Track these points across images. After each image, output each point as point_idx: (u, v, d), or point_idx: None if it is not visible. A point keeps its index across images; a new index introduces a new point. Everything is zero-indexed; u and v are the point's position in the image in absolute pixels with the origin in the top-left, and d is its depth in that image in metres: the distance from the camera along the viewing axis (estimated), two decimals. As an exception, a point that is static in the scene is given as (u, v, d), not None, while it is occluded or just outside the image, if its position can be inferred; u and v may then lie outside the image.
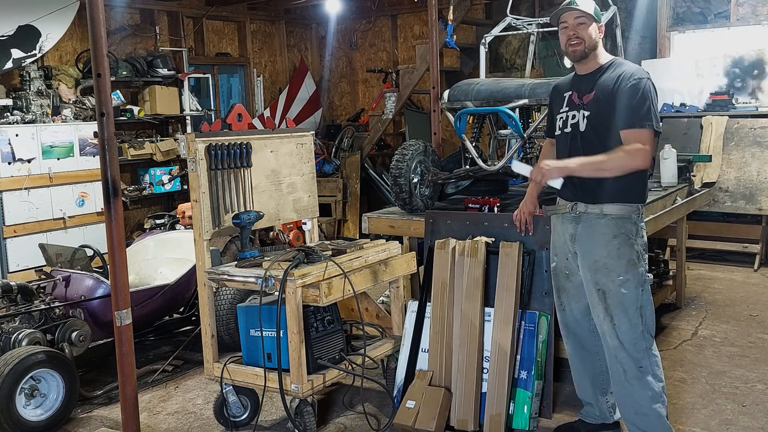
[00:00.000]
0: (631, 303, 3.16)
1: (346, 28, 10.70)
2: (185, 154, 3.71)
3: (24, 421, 3.74)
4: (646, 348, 3.18)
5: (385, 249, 4.01)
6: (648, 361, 3.19)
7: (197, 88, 9.26)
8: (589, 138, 3.20)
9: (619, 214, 3.17)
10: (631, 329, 3.17)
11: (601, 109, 3.16)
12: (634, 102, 3.07)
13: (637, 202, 3.21)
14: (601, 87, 3.18)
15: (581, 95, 3.25)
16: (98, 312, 4.48)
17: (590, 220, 3.22)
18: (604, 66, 3.24)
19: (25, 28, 7.02)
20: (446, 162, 5.11)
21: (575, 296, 3.39)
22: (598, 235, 3.20)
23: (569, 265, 3.38)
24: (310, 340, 3.56)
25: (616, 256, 3.15)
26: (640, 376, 3.17)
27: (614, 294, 3.17)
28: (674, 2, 7.81)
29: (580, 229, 3.26)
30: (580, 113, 3.23)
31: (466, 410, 3.65)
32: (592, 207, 3.20)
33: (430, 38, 5.50)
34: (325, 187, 8.52)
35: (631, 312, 3.16)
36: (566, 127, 3.29)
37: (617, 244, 3.16)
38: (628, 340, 3.17)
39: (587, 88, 3.23)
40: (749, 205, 6.83)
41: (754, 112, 7.02)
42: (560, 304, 3.48)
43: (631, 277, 3.15)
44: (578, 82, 3.31)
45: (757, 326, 5.17)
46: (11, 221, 6.61)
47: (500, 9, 8.00)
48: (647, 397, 3.18)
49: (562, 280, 3.44)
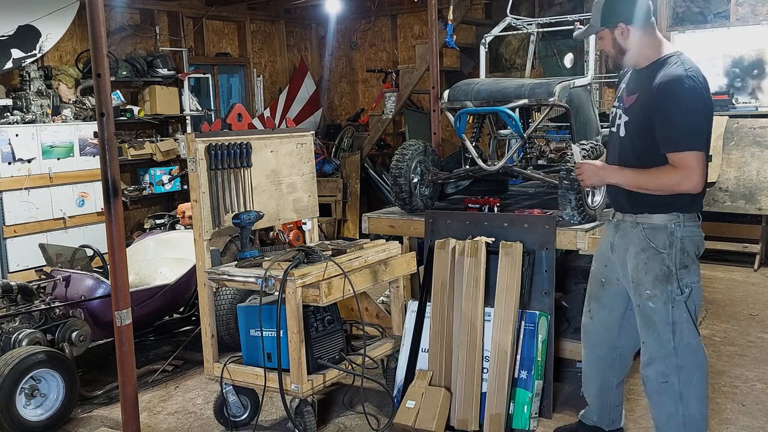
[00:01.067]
0: (661, 319, 2.94)
1: (346, 28, 10.70)
2: (185, 154, 3.71)
3: (24, 421, 3.75)
4: (678, 366, 2.93)
5: (385, 249, 4.01)
6: (677, 378, 2.94)
7: (197, 88, 9.26)
8: (626, 146, 2.96)
9: (652, 224, 2.94)
10: (660, 346, 2.95)
11: (639, 117, 2.88)
12: (678, 118, 2.75)
13: (678, 211, 2.91)
14: (643, 90, 2.87)
15: (628, 94, 2.98)
16: (98, 312, 4.48)
17: (626, 229, 3.05)
18: (658, 62, 2.88)
19: (25, 28, 7.02)
20: (446, 162, 5.11)
21: (607, 306, 3.25)
22: (630, 246, 3.02)
23: (606, 273, 3.22)
24: (310, 340, 3.56)
25: (644, 271, 2.95)
26: (659, 391, 2.98)
27: (642, 308, 3.00)
28: (674, 2, 7.81)
29: (617, 238, 3.10)
30: (623, 116, 2.99)
31: (466, 410, 3.65)
32: (627, 216, 3.04)
33: (430, 38, 5.50)
34: (325, 187, 8.52)
35: (660, 327, 2.94)
36: (613, 126, 3.07)
37: (645, 258, 2.95)
38: (657, 356, 2.97)
39: (634, 88, 2.96)
40: (749, 205, 6.83)
41: (753, 111, 7.03)
42: (588, 311, 3.34)
43: (659, 292, 2.92)
44: (632, 77, 3.02)
45: (757, 326, 5.17)
46: (11, 221, 6.61)
47: (500, 9, 8.00)
48: (664, 415, 3.00)
49: (596, 288, 3.29)
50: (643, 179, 2.87)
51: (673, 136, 2.77)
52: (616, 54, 2.98)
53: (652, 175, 2.85)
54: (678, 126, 2.76)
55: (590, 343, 3.37)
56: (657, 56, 2.90)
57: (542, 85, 4.33)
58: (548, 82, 4.35)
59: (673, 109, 2.75)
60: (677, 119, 2.76)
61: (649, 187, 2.88)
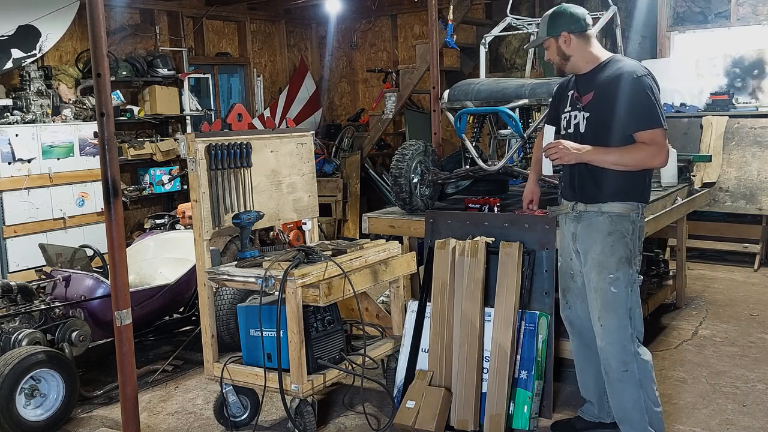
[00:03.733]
0: (621, 304, 3.16)
1: (346, 27, 10.70)
2: (185, 154, 3.71)
3: (24, 421, 3.74)
4: (635, 352, 3.18)
5: (385, 249, 4.01)
6: (635, 365, 3.18)
7: (197, 88, 9.25)
8: (589, 140, 3.18)
9: (617, 212, 3.17)
10: (620, 330, 3.17)
11: (601, 109, 3.14)
12: (640, 102, 3.04)
13: (638, 201, 3.20)
14: (600, 87, 3.16)
15: (580, 95, 3.24)
16: (98, 312, 4.48)
17: (589, 218, 3.25)
18: (602, 64, 3.22)
19: (25, 28, 7.02)
20: (446, 162, 5.11)
21: (579, 296, 3.40)
22: (595, 232, 3.22)
23: (573, 266, 3.40)
24: (310, 340, 3.56)
25: (609, 253, 3.16)
26: (623, 379, 3.18)
27: (604, 293, 3.18)
28: (674, 2, 7.81)
29: (580, 228, 3.29)
30: (580, 114, 3.23)
31: (466, 410, 3.65)
32: (591, 206, 3.22)
33: (430, 38, 5.50)
34: (325, 187, 8.52)
35: (620, 312, 3.16)
36: (569, 127, 3.28)
37: (611, 241, 3.17)
38: (616, 341, 3.17)
39: (585, 89, 3.23)
40: (749, 205, 6.83)
41: (754, 112, 7.03)
42: (566, 303, 3.49)
43: (622, 275, 3.15)
44: (579, 82, 3.30)
45: (758, 326, 5.17)
46: (11, 221, 6.61)
47: (500, 9, 7.99)
48: (630, 402, 3.19)
49: (567, 280, 3.46)
50: (618, 154, 3.10)
51: (641, 117, 3.05)
52: (560, 60, 3.26)
53: (626, 151, 3.10)
54: (643, 108, 3.05)
55: (576, 332, 3.50)
56: (599, 60, 3.22)
57: (542, 85, 4.33)
58: (548, 82, 4.35)
59: (636, 94, 3.05)
60: (642, 103, 3.04)
61: (623, 162, 3.10)
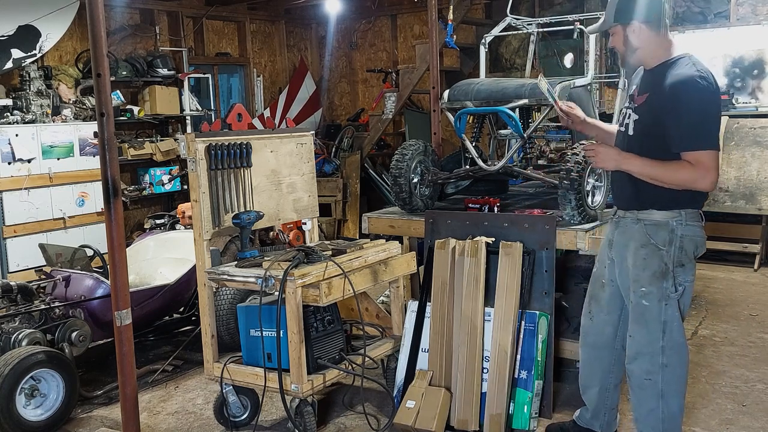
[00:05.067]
0: (653, 317, 2.97)
1: (346, 28, 10.70)
2: (185, 154, 3.71)
3: (24, 421, 3.74)
4: (663, 365, 2.98)
5: (385, 249, 4.01)
6: (660, 377, 2.98)
7: (197, 88, 9.25)
8: (634, 145, 2.96)
9: (653, 221, 2.95)
10: (649, 344, 2.99)
11: (649, 116, 2.88)
12: (690, 117, 2.75)
13: (680, 208, 2.93)
14: (655, 90, 2.88)
15: (639, 94, 2.99)
16: (98, 312, 4.48)
17: (626, 225, 3.06)
18: (668, 62, 2.88)
19: (25, 28, 7.02)
20: (446, 162, 5.11)
21: (606, 308, 3.25)
22: (630, 242, 3.03)
23: (606, 274, 3.23)
24: (310, 340, 3.56)
25: (642, 267, 2.97)
26: (642, 386, 3.03)
27: (635, 305, 3.02)
28: (674, 2, 7.81)
29: (617, 234, 3.12)
30: (632, 115, 2.98)
31: (466, 410, 3.65)
32: (629, 213, 3.05)
33: (430, 38, 5.50)
34: (325, 187, 8.52)
35: (651, 326, 2.97)
36: (622, 125, 3.08)
37: (644, 254, 2.97)
38: (644, 352, 3.00)
39: (644, 88, 2.96)
40: (749, 205, 6.83)
41: (754, 112, 7.02)
42: (588, 312, 3.34)
43: (655, 290, 2.95)
44: (643, 77, 3.02)
45: (757, 326, 5.17)
46: (11, 221, 6.61)
47: (500, 9, 8.00)
48: (645, 410, 3.06)
49: (597, 288, 3.30)
50: (660, 171, 2.85)
51: (688, 136, 2.77)
52: (626, 51, 2.98)
53: (670, 168, 2.83)
54: (692, 125, 2.75)
55: (588, 344, 3.37)
56: (667, 57, 2.90)
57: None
58: (548, 82, 4.34)
59: (686, 109, 2.75)
60: (692, 119, 2.75)
61: (664, 180, 2.85)
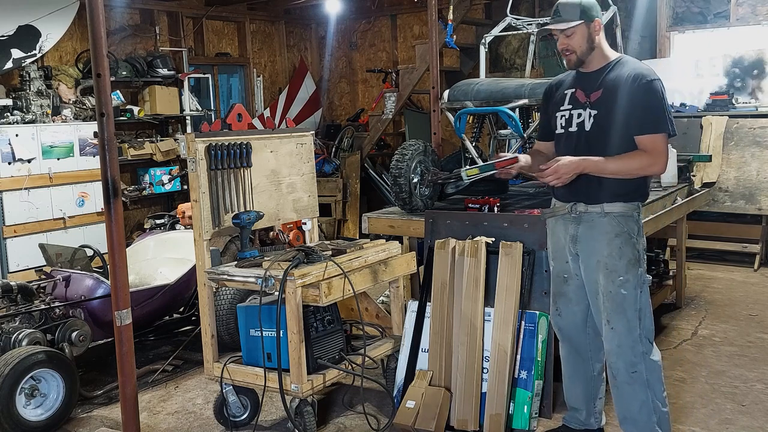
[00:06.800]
0: (630, 305, 3.10)
1: (345, 28, 10.70)
2: (185, 154, 3.71)
3: (24, 421, 3.74)
4: (643, 353, 3.11)
5: (385, 249, 4.01)
6: (643, 366, 3.12)
7: (197, 88, 9.26)
8: (595, 137, 3.11)
9: (621, 212, 3.11)
10: (629, 332, 3.10)
11: (609, 108, 3.07)
12: (648, 105, 3.01)
13: (638, 201, 3.16)
14: (610, 85, 3.09)
15: (588, 93, 3.15)
16: (98, 312, 4.48)
17: (592, 219, 3.15)
18: (612, 63, 3.15)
19: (25, 28, 7.03)
20: (446, 162, 5.11)
21: (573, 300, 3.33)
22: (600, 234, 3.13)
23: (568, 269, 3.31)
24: (310, 340, 3.56)
25: (618, 256, 3.10)
26: (630, 381, 3.12)
27: (613, 295, 3.11)
28: (674, 2, 7.81)
29: (582, 229, 3.19)
30: (586, 112, 3.13)
31: (466, 410, 3.65)
32: (593, 206, 3.14)
33: (430, 38, 5.50)
34: (325, 187, 8.52)
35: (629, 314, 3.10)
36: (571, 125, 3.18)
37: (619, 243, 3.10)
38: (625, 343, 3.11)
39: (594, 86, 3.14)
40: (749, 205, 6.83)
41: (753, 112, 7.03)
42: (556, 309, 3.43)
43: (631, 277, 3.09)
44: (583, 80, 3.20)
45: (757, 326, 5.17)
46: (11, 221, 6.61)
47: (500, 9, 7.99)
48: (637, 404, 3.13)
49: (559, 285, 3.38)
50: (617, 163, 3.06)
51: (650, 120, 3.02)
52: (585, 50, 3.14)
53: (624, 159, 3.06)
54: (653, 111, 3.02)
55: (565, 338, 3.46)
56: (610, 57, 3.18)
57: (542, 85, 4.31)
58: (548, 82, 4.34)
59: (649, 97, 3.02)
60: (653, 105, 3.01)
61: (621, 170, 3.06)
